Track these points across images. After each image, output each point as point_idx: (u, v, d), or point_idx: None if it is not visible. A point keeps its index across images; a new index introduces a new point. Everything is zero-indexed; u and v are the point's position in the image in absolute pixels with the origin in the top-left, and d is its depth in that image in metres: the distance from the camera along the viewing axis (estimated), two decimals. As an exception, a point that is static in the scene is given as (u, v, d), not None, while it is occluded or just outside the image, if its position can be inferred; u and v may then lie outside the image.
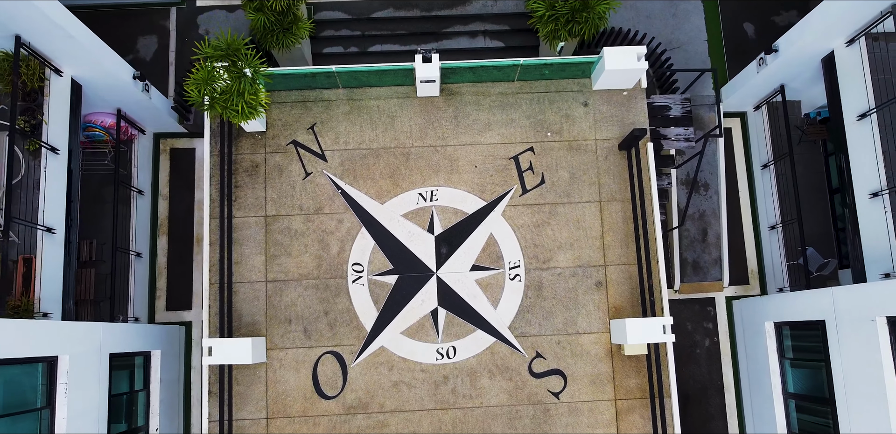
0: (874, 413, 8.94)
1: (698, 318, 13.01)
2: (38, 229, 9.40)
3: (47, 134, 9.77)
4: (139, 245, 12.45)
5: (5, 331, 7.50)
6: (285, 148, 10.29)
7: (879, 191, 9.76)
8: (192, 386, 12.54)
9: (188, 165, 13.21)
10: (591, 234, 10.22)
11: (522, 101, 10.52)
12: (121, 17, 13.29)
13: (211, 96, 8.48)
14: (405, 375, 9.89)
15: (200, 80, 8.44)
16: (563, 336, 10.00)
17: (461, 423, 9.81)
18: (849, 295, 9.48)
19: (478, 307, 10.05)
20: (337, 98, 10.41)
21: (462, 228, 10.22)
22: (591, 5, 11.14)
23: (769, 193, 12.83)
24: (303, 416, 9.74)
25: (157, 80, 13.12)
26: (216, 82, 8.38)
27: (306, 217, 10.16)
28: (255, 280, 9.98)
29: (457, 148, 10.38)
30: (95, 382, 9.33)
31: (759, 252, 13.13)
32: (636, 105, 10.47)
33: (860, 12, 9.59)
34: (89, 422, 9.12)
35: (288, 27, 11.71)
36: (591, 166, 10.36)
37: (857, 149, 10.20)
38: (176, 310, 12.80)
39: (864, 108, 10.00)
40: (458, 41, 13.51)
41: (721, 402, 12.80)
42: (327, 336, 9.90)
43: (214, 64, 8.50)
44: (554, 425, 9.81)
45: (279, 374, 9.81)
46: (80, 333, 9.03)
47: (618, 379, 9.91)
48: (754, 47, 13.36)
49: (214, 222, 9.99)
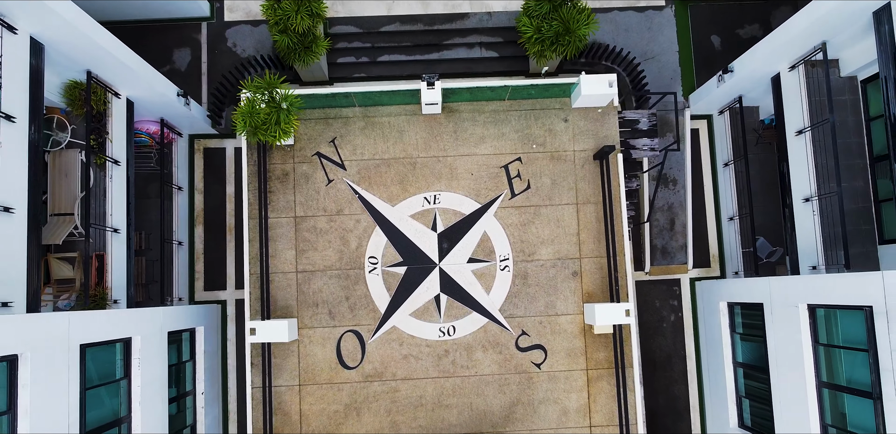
0: (795, 380, 10.98)
1: (665, 296, 14.99)
2: (107, 231, 11.30)
3: (111, 148, 11.61)
4: (180, 235, 14.36)
5: (98, 320, 9.48)
6: (311, 158, 12.11)
7: (810, 196, 11.62)
8: (228, 355, 14.59)
9: (220, 162, 15.00)
10: (569, 231, 12.11)
11: (512, 117, 12.29)
12: (158, 32, 14.91)
13: (253, 126, 10.27)
14: (413, 350, 11.90)
15: (245, 113, 10.23)
16: (545, 317, 11.98)
17: (459, 388, 11.85)
18: (780, 284, 11.43)
19: (473, 293, 12.00)
20: (354, 115, 12.18)
21: (460, 227, 12.10)
22: (573, 29, 12.80)
23: (729, 188, 14.67)
24: (328, 383, 11.78)
25: (192, 88, 14.83)
26: (258, 115, 10.16)
27: (329, 217, 12.04)
28: (287, 271, 11.91)
29: (456, 158, 12.19)
30: (159, 356, 11.36)
31: (719, 239, 15.03)
32: (609, 121, 12.25)
33: (799, 44, 11.30)
34: (156, 388, 11.17)
35: (308, 46, 13.37)
36: (570, 174, 12.19)
37: (795, 159, 12.01)
38: (212, 290, 14.75)
39: (801, 125, 11.78)
40: (457, 51, 15.11)
41: (683, 368, 14.86)
42: (348, 317, 11.89)
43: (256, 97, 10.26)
44: (536, 390, 11.86)
45: (309, 348, 11.82)
46: (148, 317, 11.01)
47: (589, 352, 11.91)
48: (720, 57, 15.02)
49: (253, 222, 11.87)
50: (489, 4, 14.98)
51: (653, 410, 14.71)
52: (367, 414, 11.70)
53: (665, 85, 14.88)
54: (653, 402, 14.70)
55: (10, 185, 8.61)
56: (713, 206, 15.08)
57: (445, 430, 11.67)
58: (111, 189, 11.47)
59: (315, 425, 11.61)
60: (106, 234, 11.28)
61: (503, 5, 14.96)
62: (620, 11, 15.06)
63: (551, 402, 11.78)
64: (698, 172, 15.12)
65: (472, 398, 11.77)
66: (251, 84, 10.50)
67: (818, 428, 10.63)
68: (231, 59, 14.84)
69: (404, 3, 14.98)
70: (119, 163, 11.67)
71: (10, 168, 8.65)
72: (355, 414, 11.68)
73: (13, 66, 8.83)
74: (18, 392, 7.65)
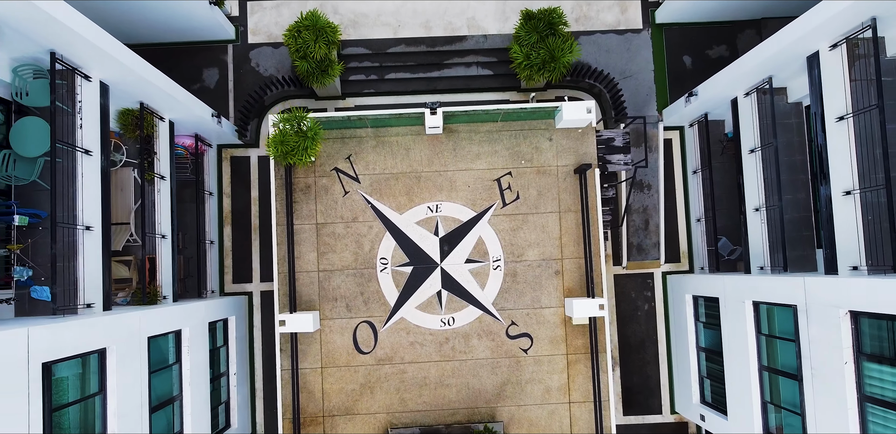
0: (742, 364, 13.01)
1: (640, 288, 16.95)
2: (157, 237, 13.23)
3: (158, 165, 13.49)
4: (212, 234, 16.28)
5: (159, 315, 11.46)
6: (329, 173, 13.98)
7: (759, 207, 13.53)
8: (255, 341, 16.59)
9: (245, 169, 16.86)
10: (552, 236, 14.03)
11: (503, 136, 14.14)
12: (190, 53, 16.68)
13: (284, 152, 12.15)
14: (418, 337, 13.88)
15: (277, 141, 12.11)
16: (531, 310, 13.95)
17: (458, 370, 13.86)
18: (732, 282, 13.40)
19: (470, 289, 13.95)
20: (366, 135, 14.03)
21: (459, 232, 14.01)
22: (558, 57, 14.61)
23: (697, 193, 16.56)
24: (346, 366, 13.78)
25: (220, 103, 16.65)
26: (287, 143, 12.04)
27: (346, 224, 13.94)
28: (310, 270, 13.84)
29: (455, 172, 14.06)
30: (202, 343, 13.36)
31: (688, 238, 16.94)
32: (588, 140, 14.10)
33: (751, 77, 13.11)
34: (200, 371, 13.19)
35: (325, 69, 15.16)
36: (553, 186, 14.07)
37: (748, 174, 13.88)
38: (239, 283, 16.71)
39: (753, 145, 13.65)
40: (456, 70, 16.88)
41: (655, 352, 16.88)
42: (363, 310, 13.85)
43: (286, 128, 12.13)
44: (523, 372, 13.87)
45: (329, 336, 13.81)
46: (193, 310, 12.98)
47: (568, 340, 13.90)
48: (691, 76, 16.80)
49: (280, 228, 13.77)
50: (484, 28, 16.74)
51: (629, 388, 16.76)
52: (379, 392, 13.73)
53: (642, 100, 16.70)
54: (628, 380, 16.74)
55: (89, 208, 10.51)
56: (684, 208, 16.96)
57: (446, 406, 13.70)
58: (159, 201, 13.37)
59: (335, 402, 13.64)
60: (156, 239, 13.21)
61: (497, 28, 16.73)
62: (602, 34, 16.82)
63: (536, 381, 13.80)
64: (671, 178, 16.99)
65: (469, 379, 13.79)
66: (283, 117, 12.36)
67: (759, 404, 12.68)
68: (254, 78, 16.65)
69: (409, 27, 16.74)
70: (165, 178, 13.55)
71: (89, 193, 10.55)
72: (369, 392, 13.71)
73: (88, 108, 10.67)
74: (108, 377, 9.65)
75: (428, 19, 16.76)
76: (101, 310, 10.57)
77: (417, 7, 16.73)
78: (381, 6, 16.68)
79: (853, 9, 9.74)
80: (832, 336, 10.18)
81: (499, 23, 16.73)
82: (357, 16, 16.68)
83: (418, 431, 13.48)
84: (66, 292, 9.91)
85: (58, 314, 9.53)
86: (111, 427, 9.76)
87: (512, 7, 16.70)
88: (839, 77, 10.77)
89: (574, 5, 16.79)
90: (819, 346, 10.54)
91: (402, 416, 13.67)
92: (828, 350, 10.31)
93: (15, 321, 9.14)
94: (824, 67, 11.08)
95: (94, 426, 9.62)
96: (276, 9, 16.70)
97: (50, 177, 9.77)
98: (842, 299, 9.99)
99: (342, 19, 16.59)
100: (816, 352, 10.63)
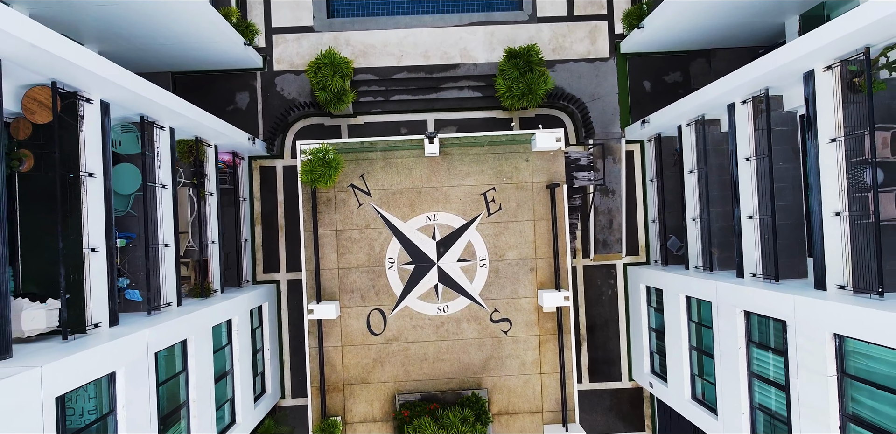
0: (678, 341, 16.37)
1: (605, 277, 20.23)
2: (209, 243, 16.43)
3: (207, 184, 16.60)
4: (245, 233, 19.47)
5: (219, 308, 14.74)
6: (346, 189, 17.09)
7: (695, 217, 16.72)
8: (282, 322, 19.92)
9: (272, 177, 19.97)
10: (528, 239, 17.22)
11: (489, 158, 17.22)
12: (225, 79, 19.65)
13: (312, 179, 15.31)
14: (419, 322, 17.18)
15: (307, 171, 15.25)
16: (510, 299, 17.23)
17: (451, 348, 17.20)
18: (672, 277, 16.67)
19: (461, 283, 17.20)
20: (376, 157, 17.11)
21: (452, 237, 17.20)
22: (535, 90, 17.63)
23: (653, 198, 19.72)
24: (361, 344, 17.11)
25: (251, 122, 19.67)
26: (315, 171, 15.19)
27: (360, 230, 17.12)
28: (332, 268, 17.07)
29: (449, 188, 17.18)
30: (246, 328, 16.68)
31: (646, 235, 20.16)
32: (558, 160, 17.20)
33: (689, 114, 16.16)
34: (245, 350, 16.54)
35: (340, 97, 18.20)
36: (529, 199, 17.21)
37: (689, 190, 17.04)
38: (269, 272, 19.97)
39: (692, 167, 16.76)
40: (451, 92, 19.87)
41: (616, 330, 20.25)
42: (374, 300, 17.12)
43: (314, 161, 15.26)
44: (504, 349, 17.21)
45: (347, 321, 17.10)
46: (239, 302, 16.27)
47: (540, 323, 17.22)
48: (650, 98, 19.80)
49: (308, 234, 16.94)
50: (475, 57, 19.69)
51: (594, 359, 20.16)
52: (388, 365, 17.09)
53: (608, 119, 19.75)
54: (594, 353, 20.14)
55: (166, 229, 13.70)
56: (643, 210, 20.14)
57: (441, 376, 17.08)
58: (209, 213, 16.53)
59: (353, 373, 17.01)
60: (208, 244, 16.41)
61: (485, 57, 19.67)
62: (575, 62, 19.77)
63: (514, 357, 17.16)
64: (633, 184, 20.13)
65: (460, 355, 17.13)
66: (312, 150, 15.46)
67: (689, 375, 16.08)
68: (279, 101, 19.65)
69: (410, 57, 19.68)
70: (213, 194, 16.69)
71: (166, 218, 13.72)
72: (380, 365, 17.07)
73: (163, 150, 13.77)
74: (189, 364, 12.96)
75: (427, 50, 19.69)
76: (176, 306, 13.85)
77: (417, 40, 19.64)
78: (387, 38, 19.60)
79: (752, 83, 12.81)
80: (732, 327, 13.48)
81: (486, 53, 19.67)
82: (366, 47, 19.61)
83: (420, 396, 16.88)
84: (152, 294, 13.16)
85: (152, 313, 12.82)
86: (192, 395, 13.12)
87: (498, 39, 19.63)
88: (746, 126, 13.88)
89: (551, 37, 19.72)
90: (723, 335, 13.87)
91: (407, 384, 17.04)
92: (730, 338, 13.63)
93: (29, 354, 12.23)
94: (738, 116, 14.18)
95: (179, 396, 12.95)
96: (297, 41, 19.61)
97: (142, 207, 12.95)
98: (740, 300, 13.26)
99: (353, 50, 19.53)
100: (721, 338, 13.96)
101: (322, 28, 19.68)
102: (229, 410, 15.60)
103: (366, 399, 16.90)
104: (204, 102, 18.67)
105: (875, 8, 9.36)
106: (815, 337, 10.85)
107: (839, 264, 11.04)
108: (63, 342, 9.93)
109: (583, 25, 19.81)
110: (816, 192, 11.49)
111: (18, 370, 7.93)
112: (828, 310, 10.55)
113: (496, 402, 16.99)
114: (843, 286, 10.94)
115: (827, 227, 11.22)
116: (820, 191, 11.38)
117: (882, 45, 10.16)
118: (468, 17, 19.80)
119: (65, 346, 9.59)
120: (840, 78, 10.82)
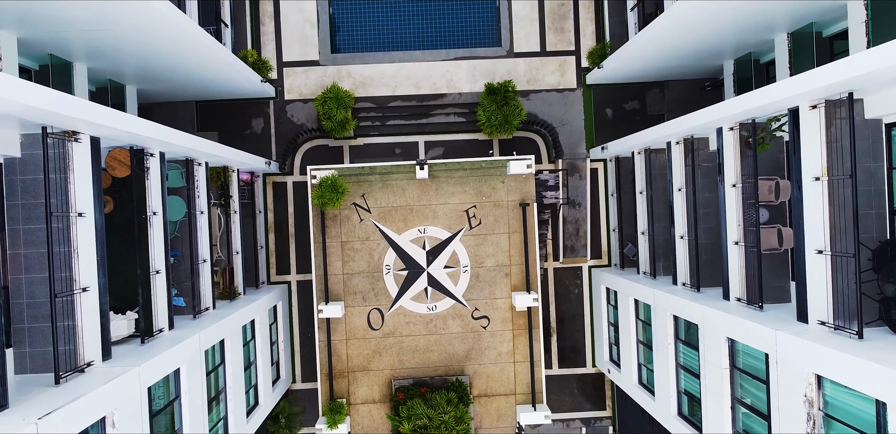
0: (629, 336, 19.60)
1: (573, 277, 23.39)
2: (234, 253, 19.47)
3: (232, 204, 19.60)
4: (260, 240, 22.52)
5: (245, 311, 17.83)
6: (349, 207, 20.11)
7: (643, 231, 19.83)
8: (293, 317, 23.03)
9: (283, 192, 22.96)
10: (503, 249, 20.31)
11: (470, 179, 20.24)
12: (242, 106, 22.57)
13: (322, 203, 18.34)
14: (412, 319, 20.30)
15: (318, 196, 18.28)
16: (489, 300, 20.36)
17: (438, 341, 20.35)
18: (623, 282, 19.84)
19: (447, 286, 20.30)
20: (375, 180, 20.12)
21: (439, 247, 20.26)
22: (510, 121, 20.65)
23: (613, 210, 22.82)
24: (363, 338, 20.24)
25: (265, 144, 22.63)
26: (325, 196, 18.21)
27: (361, 242, 20.17)
28: (338, 273, 20.14)
29: (437, 205, 20.21)
30: (265, 325, 19.80)
31: (608, 242, 23.30)
32: (529, 182, 20.24)
33: (640, 144, 19.22)
34: (265, 343, 19.68)
35: (343, 125, 21.18)
36: (505, 215, 20.27)
37: (640, 208, 20.13)
38: (281, 274, 23.04)
39: (642, 188, 19.85)
40: (439, 118, 22.83)
41: (582, 323, 23.45)
42: (373, 301, 20.22)
43: (324, 187, 18.26)
44: (483, 342, 20.38)
45: (350, 319, 20.21)
46: (260, 304, 19.37)
47: (514, 320, 20.38)
48: (612, 123, 22.81)
49: (317, 245, 19.99)
50: (459, 87, 22.65)
51: (563, 348, 23.39)
52: (385, 355, 20.25)
53: (575, 141, 22.78)
54: (563, 343, 23.36)
55: (203, 247, 16.75)
56: (605, 220, 23.27)
57: (430, 365, 20.26)
58: (233, 229, 19.56)
59: (355, 362, 20.18)
60: (233, 255, 19.46)
61: (469, 88, 22.64)
62: (547, 92, 22.76)
63: (492, 348, 20.34)
64: (596, 197, 23.22)
65: (446, 347, 20.30)
66: (323, 179, 18.48)
67: (636, 364, 19.33)
68: (290, 126, 22.60)
69: (404, 87, 22.62)
70: (237, 212, 19.71)
71: (203, 238, 16.75)
72: (379, 355, 20.23)
73: (200, 182, 16.76)
74: (226, 357, 16.08)
75: (418, 81, 22.63)
76: (212, 310, 16.95)
77: (410, 72, 22.58)
78: (383, 71, 22.53)
79: (681, 131, 15.88)
80: (664, 325, 16.67)
81: (470, 83, 22.63)
82: (365, 78, 22.54)
83: (412, 382, 20.07)
84: (196, 301, 16.24)
85: (196, 317, 15.92)
86: (229, 382, 16.27)
87: (480, 71, 22.59)
88: (679, 162, 16.97)
89: (526, 70, 22.68)
90: (659, 332, 17.09)
91: (401, 371, 20.23)
92: (663, 333, 16.83)
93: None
94: (673, 154, 17.27)
95: (219, 384, 16.07)
96: (304, 73, 22.51)
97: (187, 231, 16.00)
98: (669, 305, 16.44)
99: (354, 81, 22.47)
100: (657, 334, 17.17)
101: (327, 62, 22.57)
102: (254, 395, 18.77)
103: (367, 384, 20.09)
104: (224, 127, 21.68)
105: (760, 94, 12.39)
106: (712, 336, 14.04)
107: (738, 282, 14.21)
108: (141, 345, 13.02)
109: (554, 60, 22.76)
110: (723, 224, 14.63)
111: (125, 369, 11.05)
112: (725, 317, 13.73)
113: (476, 386, 20.20)
114: (740, 299, 14.12)
115: (730, 252, 14.38)
116: (725, 223, 14.52)
117: (765, 118, 13.26)
118: (454, 52, 22.71)
119: (144, 349, 12.69)
120: (738, 137, 13.92)
